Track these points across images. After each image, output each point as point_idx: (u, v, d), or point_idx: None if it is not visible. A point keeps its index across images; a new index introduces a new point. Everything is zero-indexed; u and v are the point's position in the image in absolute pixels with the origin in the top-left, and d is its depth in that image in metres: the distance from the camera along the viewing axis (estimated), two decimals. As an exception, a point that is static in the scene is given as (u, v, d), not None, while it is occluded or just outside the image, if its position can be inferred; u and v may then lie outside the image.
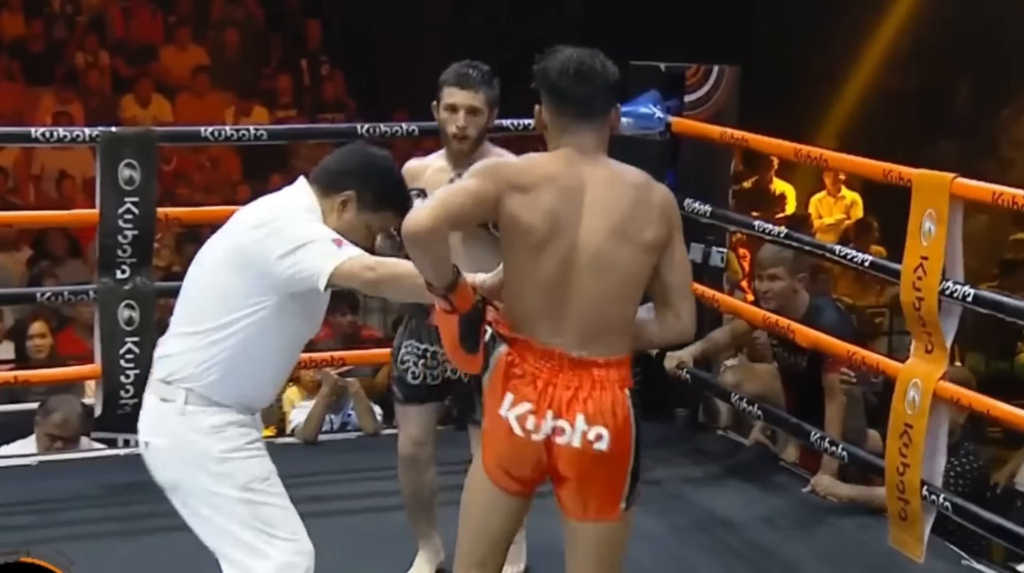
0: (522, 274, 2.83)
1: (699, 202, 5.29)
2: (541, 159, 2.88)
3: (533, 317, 2.83)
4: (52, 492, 4.78)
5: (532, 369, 2.82)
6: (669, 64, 5.59)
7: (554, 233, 2.79)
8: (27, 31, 10.58)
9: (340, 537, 4.44)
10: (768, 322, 4.96)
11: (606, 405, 2.82)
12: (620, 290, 2.86)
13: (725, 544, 4.57)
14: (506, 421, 2.83)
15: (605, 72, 2.88)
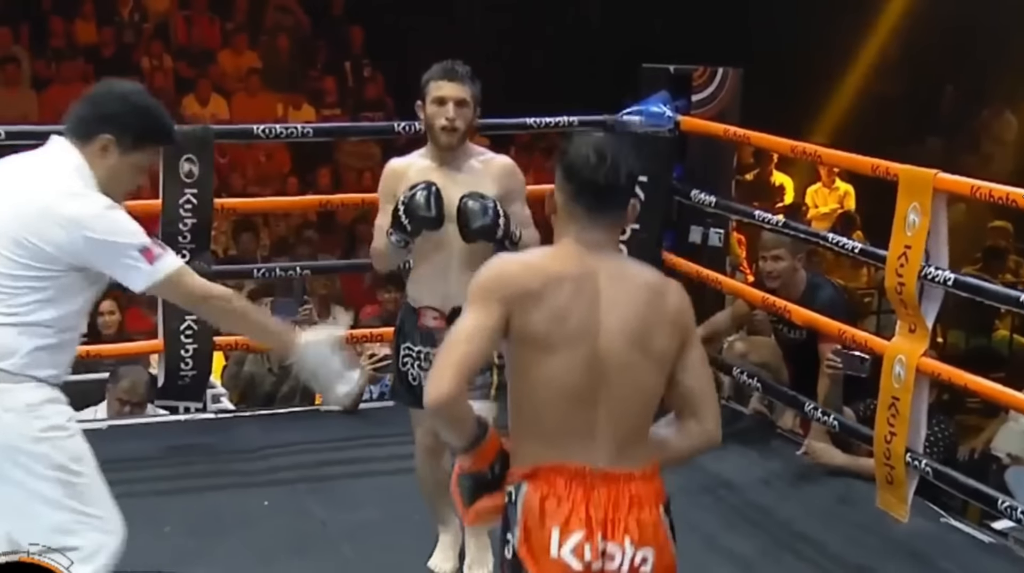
0: (543, 389, 2.36)
1: (704, 193, 5.29)
2: (546, 255, 2.46)
3: (561, 434, 2.37)
4: (120, 453, 4.77)
5: (569, 494, 2.34)
6: (677, 67, 5.57)
7: (572, 338, 2.35)
8: (99, 38, 10.59)
9: (379, 496, 4.48)
10: (767, 302, 4.93)
11: (648, 524, 2.39)
12: (647, 394, 2.42)
13: (727, 503, 4.57)
14: (561, 562, 2.32)
15: (630, 166, 2.43)
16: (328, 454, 4.76)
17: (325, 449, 4.79)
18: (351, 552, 4.07)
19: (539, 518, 2.34)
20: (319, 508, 4.29)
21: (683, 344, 2.45)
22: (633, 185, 2.48)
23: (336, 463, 4.70)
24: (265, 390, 5.92)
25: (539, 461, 2.36)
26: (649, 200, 5.39)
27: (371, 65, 11.06)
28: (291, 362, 3.05)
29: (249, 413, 5.47)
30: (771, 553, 4.19)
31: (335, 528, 4.18)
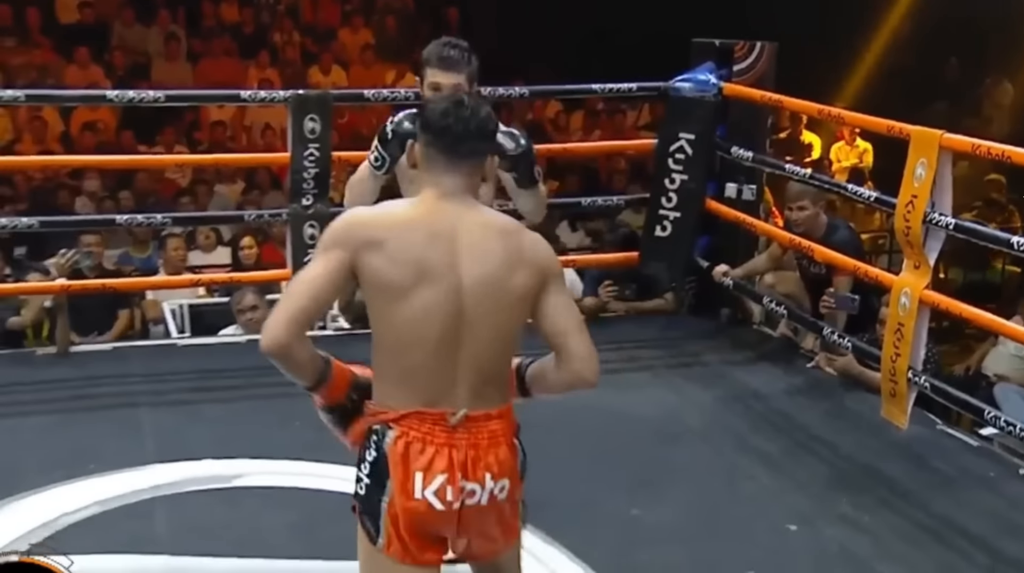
0: (404, 334, 2.09)
1: (743, 149, 5.22)
2: (399, 205, 2.21)
3: (423, 379, 2.10)
4: (256, 362, 4.86)
5: (431, 439, 2.10)
6: (722, 40, 5.47)
7: (427, 282, 2.08)
8: (240, 17, 10.62)
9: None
10: (794, 243, 4.88)
11: (505, 459, 2.15)
12: (505, 340, 2.17)
13: (755, 410, 4.55)
14: (424, 501, 2.09)
15: (482, 120, 2.17)
16: None
17: None
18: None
19: (401, 462, 2.10)
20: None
21: (543, 286, 2.18)
22: (487, 139, 2.21)
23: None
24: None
25: (403, 407, 2.11)
26: (695, 155, 5.37)
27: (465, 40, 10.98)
28: None
29: (361, 332, 5.50)
30: (791, 452, 4.18)
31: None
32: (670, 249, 5.44)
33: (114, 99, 5.18)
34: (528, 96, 5.94)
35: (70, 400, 4.45)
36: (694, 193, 5.40)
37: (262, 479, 3.71)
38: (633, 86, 5.61)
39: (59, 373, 4.73)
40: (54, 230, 5.76)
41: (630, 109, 10.14)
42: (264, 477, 3.71)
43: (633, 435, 4.26)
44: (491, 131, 2.22)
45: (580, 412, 4.41)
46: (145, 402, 4.43)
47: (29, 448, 3.99)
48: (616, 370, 4.92)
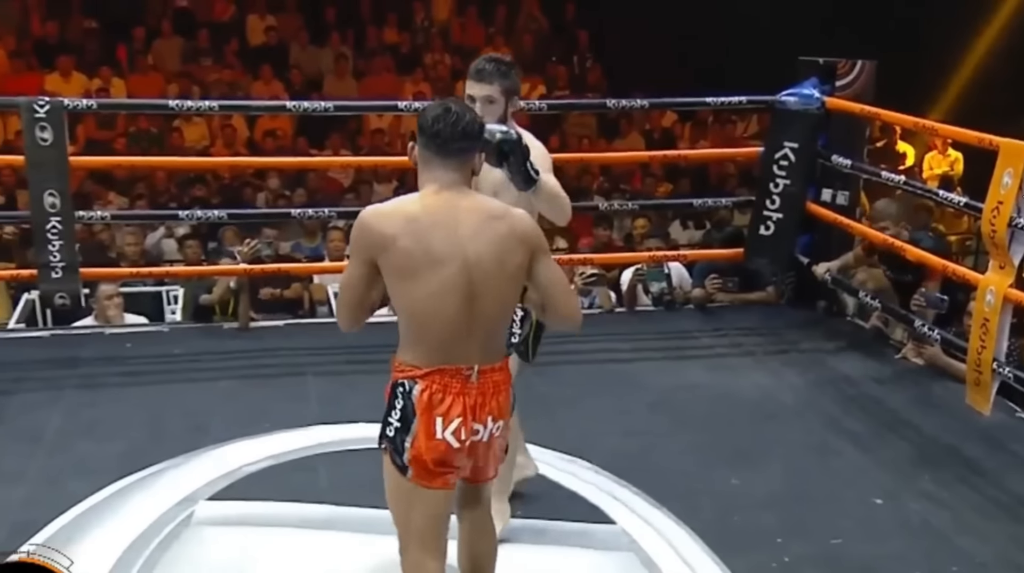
0: (420, 308, 2.25)
1: (842, 157, 5.08)
2: (406, 201, 2.30)
3: (441, 342, 2.26)
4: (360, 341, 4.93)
5: (450, 390, 2.28)
6: (826, 59, 5.34)
7: (435, 262, 2.22)
8: (398, 39, 10.79)
9: (582, 379, 4.53)
10: (887, 242, 4.73)
11: (504, 403, 2.35)
12: (506, 306, 2.34)
13: (846, 394, 4.44)
14: (444, 441, 2.28)
15: (467, 122, 2.28)
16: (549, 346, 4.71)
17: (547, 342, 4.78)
18: (563, 416, 4.12)
19: (425, 411, 2.28)
20: (541, 384, 4.36)
21: (533, 257, 2.32)
22: (473, 137, 2.30)
23: (554, 353, 4.73)
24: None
25: (426, 365, 2.28)
26: (798, 162, 5.25)
27: (593, 59, 10.93)
28: None
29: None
30: (878, 432, 4.07)
31: (552, 400, 4.25)
32: (772, 246, 5.34)
33: (291, 109, 5.35)
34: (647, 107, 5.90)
35: (249, 368, 4.62)
36: (796, 197, 5.29)
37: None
38: (743, 99, 5.51)
39: (241, 345, 4.91)
40: (239, 222, 5.96)
41: (739, 120, 9.96)
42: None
43: (734, 413, 4.21)
44: (475, 132, 2.31)
45: (687, 391, 4.41)
46: (311, 372, 4.56)
47: (216, 408, 4.16)
48: (721, 354, 4.88)
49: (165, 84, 9.61)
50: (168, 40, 10.02)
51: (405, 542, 2.39)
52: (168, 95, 9.35)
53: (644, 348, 4.96)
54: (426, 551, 2.35)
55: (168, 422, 4.01)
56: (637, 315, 5.50)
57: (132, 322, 5.32)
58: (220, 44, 10.15)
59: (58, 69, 9.23)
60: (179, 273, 5.88)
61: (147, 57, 9.84)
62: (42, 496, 3.40)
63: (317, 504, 3.40)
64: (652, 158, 6.49)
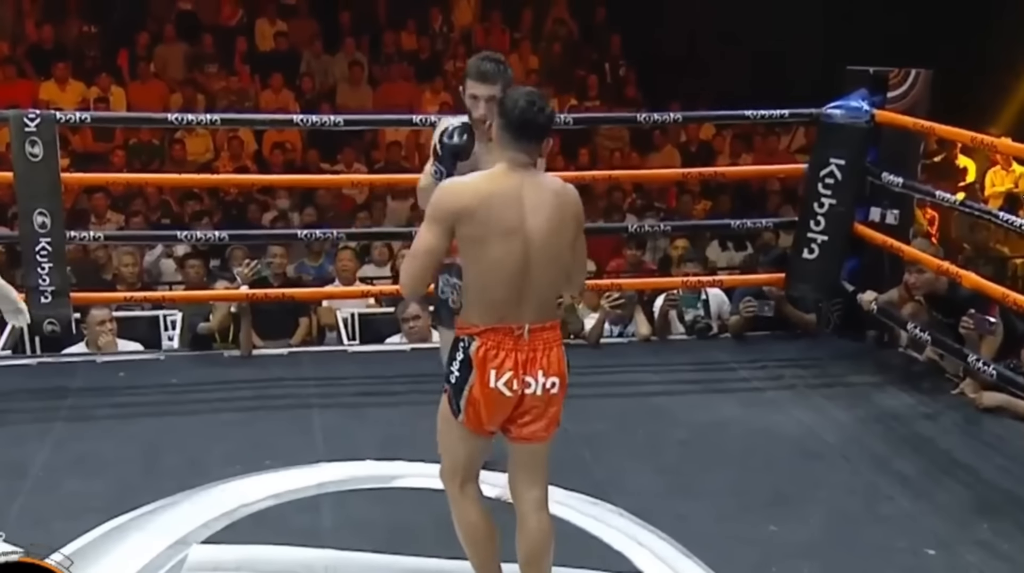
0: (487, 272, 2.72)
1: (893, 175, 5.07)
2: (484, 177, 2.77)
3: (500, 305, 2.72)
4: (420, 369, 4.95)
5: (503, 347, 2.73)
6: (876, 68, 5.34)
7: (505, 235, 2.69)
8: (417, 45, 10.87)
9: (612, 413, 4.53)
10: (942, 269, 4.71)
11: (555, 360, 2.78)
12: (558, 272, 2.79)
13: (896, 432, 4.41)
14: (496, 390, 2.74)
15: (546, 110, 2.74)
16: (574, 378, 4.75)
17: (572, 374, 4.71)
18: (589, 455, 4.12)
19: (481, 363, 2.74)
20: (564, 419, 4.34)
21: (577, 232, 2.80)
22: (548, 125, 2.74)
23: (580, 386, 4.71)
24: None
25: (484, 323, 2.74)
26: (845, 180, 5.25)
27: (626, 66, 10.97)
28: None
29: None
30: (932, 475, 4.03)
31: (576, 436, 4.24)
32: (816, 271, 5.33)
33: (299, 123, 5.42)
34: (681, 121, 5.92)
35: (251, 399, 4.66)
36: (842, 217, 5.28)
37: (419, 481, 3.80)
38: (785, 112, 5.52)
39: (242, 374, 4.95)
40: (242, 243, 6.03)
41: (784, 132, 9.95)
42: (421, 480, 3.79)
43: (774, 452, 4.19)
44: (549, 123, 2.75)
45: (722, 428, 4.39)
46: (317, 404, 4.59)
47: (214, 442, 4.19)
48: (759, 388, 4.86)
49: (168, 93, 9.75)
50: (171, 46, 10.17)
51: (451, 476, 2.92)
52: (171, 105, 9.49)
53: (676, 380, 4.95)
54: (467, 478, 2.91)
55: (162, 458, 4.05)
56: (669, 345, 5.50)
57: (126, 349, 5.38)
58: (227, 50, 10.28)
59: (54, 76, 9.38)
60: (176, 298, 5.94)
61: (149, 64, 9.99)
62: (25, 538, 3.42)
63: (320, 548, 3.42)
64: (687, 175, 6.49)
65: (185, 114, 5.79)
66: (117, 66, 9.94)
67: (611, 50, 11.05)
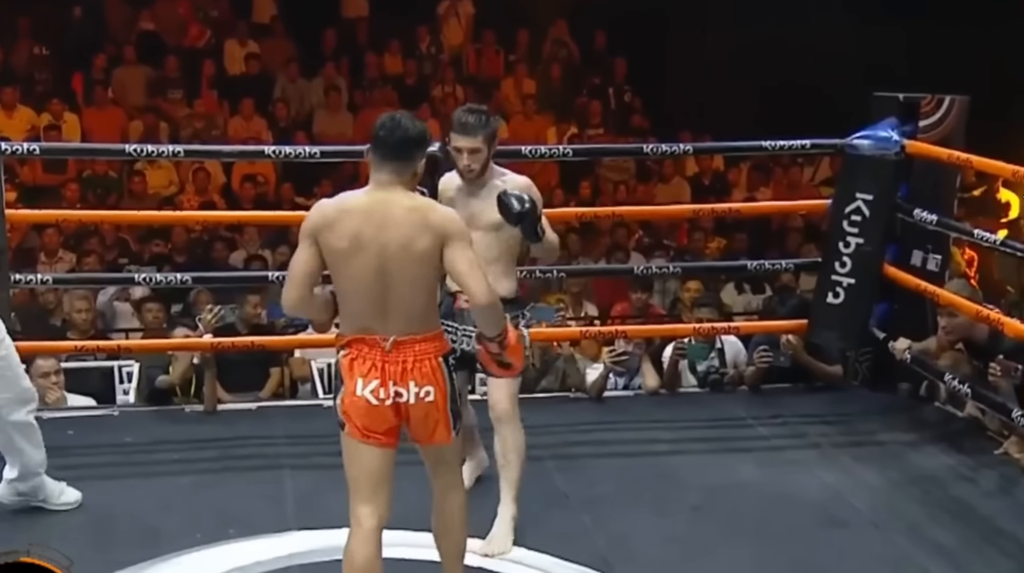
0: (349, 285, 3.07)
1: (927, 211, 5.09)
2: (350, 196, 3.13)
3: (364, 318, 3.07)
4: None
5: (370, 357, 3.06)
6: (907, 95, 5.37)
7: (359, 248, 3.03)
8: (403, 69, 10.95)
9: (616, 474, 4.51)
10: (981, 315, 4.72)
11: (428, 371, 3.08)
12: (418, 287, 3.08)
13: (933, 497, 4.39)
14: (363, 397, 3.07)
15: (406, 130, 3.07)
16: (574, 436, 4.81)
17: (572, 431, 4.85)
18: (590, 522, 4.10)
19: (348, 371, 3.09)
20: (563, 482, 4.35)
21: (444, 244, 3.05)
22: (411, 145, 3.07)
23: (580, 444, 4.76)
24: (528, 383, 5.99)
25: (351, 333, 3.09)
26: (873, 217, 5.27)
27: (632, 91, 11.05)
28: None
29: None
30: (973, 544, 4.01)
31: (576, 500, 4.23)
32: (842, 318, 5.33)
33: (272, 155, 5.44)
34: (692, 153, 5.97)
35: (215, 460, 4.64)
36: (870, 258, 5.29)
37: (399, 551, 3.76)
38: (807, 143, 5.56)
39: (206, 431, 4.93)
40: (208, 286, 6.03)
41: (807, 163, 10.01)
42: (404, 549, 3.76)
43: (795, 519, 4.17)
44: (411, 140, 3.09)
45: (738, 491, 4.38)
46: (288, 465, 4.58)
47: (173, 508, 4.17)
48: (779, 447, 4.85)
49: (127, 120, 9.80)
50: (131, 69, 10.24)
51: (351, 494, 3.17)
52: (130, 133, 9.54)
53: (687, 438, 4.94)
54: (360, 500, 3.15)
55: (115, 526, 4.02)
56: (679, 398, 5.49)
57: (76, 405, 5.36)
58: (193, 74, 10.35)
59: (0, 102, 9.42)
60: (133, 347, 5.91)
61: (107, 88, 10.04)
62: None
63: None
64: (698, 212, 6.52)
65: (146, 144, 5.81)
66: (71, 90, 9.99)
67: (615, 74, 11.13)
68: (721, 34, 10.76)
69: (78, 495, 4.14)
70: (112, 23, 10.65)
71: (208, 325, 5.15)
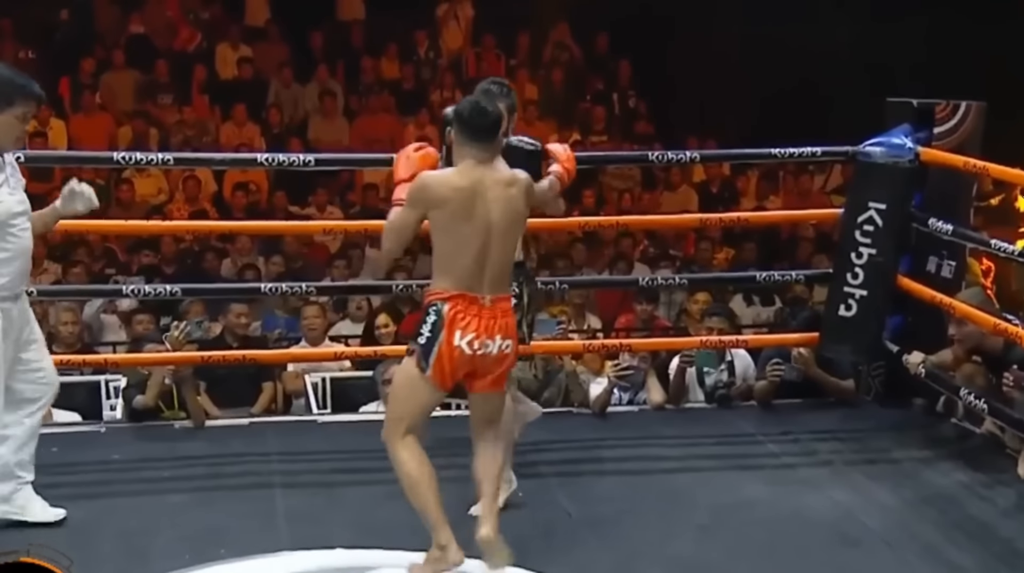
0: (454, 250, 3.61)
1: (942, 221, 5.09)
2: (455, 172, 3.64)
3: (466, 278, 3.61)
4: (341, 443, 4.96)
5: (469, 312, 3.60)
6: (921, 101, 5.39)
7: (471, 220, 3.59)
8: (400, 74, 10.98)
9: (620, 492, 4.51)
10: (998, 328, 4.71)
11: (509, 326, 3.67)
12: (511, 250, 3.71)
13: (949, 517, 4.37)
14: (459, 347, 3.59)
15: (495, 112, 3.66)
16: (578, 453, 4.81)
17: (575, 448, 4.85)
18: (594, 541, 4.09)
19: (450, 322, 3.59)
20: (566, 500, 4.35)
21: (527, 211, 3.73)
22: (499, 125, 3.66)
23: (584, 461, 4.75)
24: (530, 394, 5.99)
25: (453, 290, 3.61)
26: (886, 227, 5.27)
27: (636, 96, 11.08)
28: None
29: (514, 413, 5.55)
30: (990, 566, 3.99)
31: (579, 519, 4.22)
32: (854, 331, 5.33)
33: (264, 163, 5.45)
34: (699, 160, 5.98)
35: (204, 478, 4.63)
36: (883, 269, 5.29)
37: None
38: (818, 150, 5.57)
39: (195, 448, 4.92)
40: (197, 298, 6.03)
41: (818, 171, 10.02)
42: (399, 571, 3.76)
43: (806, 539, 4.16)
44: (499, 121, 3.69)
45: (747, 511, 4.37)
46: (280, 483, 4.57)
47: (160, 528, 4.15)
48: (790, 465, 4.85)
49: (116, 126, 9.84)
50: (120, 73, 10.27)
51: (397, 426, 3.68)
52: (119, 140, 9.56)
53: (694, 455, 4.94)
54: (407, 429, 3.68)
55: (100, 547, 4.00)
56: (686, 414, 5.49)
57: (61, 421, 5.36)
58: (183, 78, 10.39)
59: (-15, 108, 9.43)
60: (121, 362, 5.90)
61: (95, 94, 10.08)
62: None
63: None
64: (706, 221, 6.53)
65: (134, 152, 5.82)
66: (58, 95, 10.01)
67: (619, 78, 11.16)
68: (728, 34, 10.77)
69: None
70: (100, 26, 10.69)
71: (176, 342, 5.13)
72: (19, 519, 4.05)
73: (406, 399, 3.70)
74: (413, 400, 3.68)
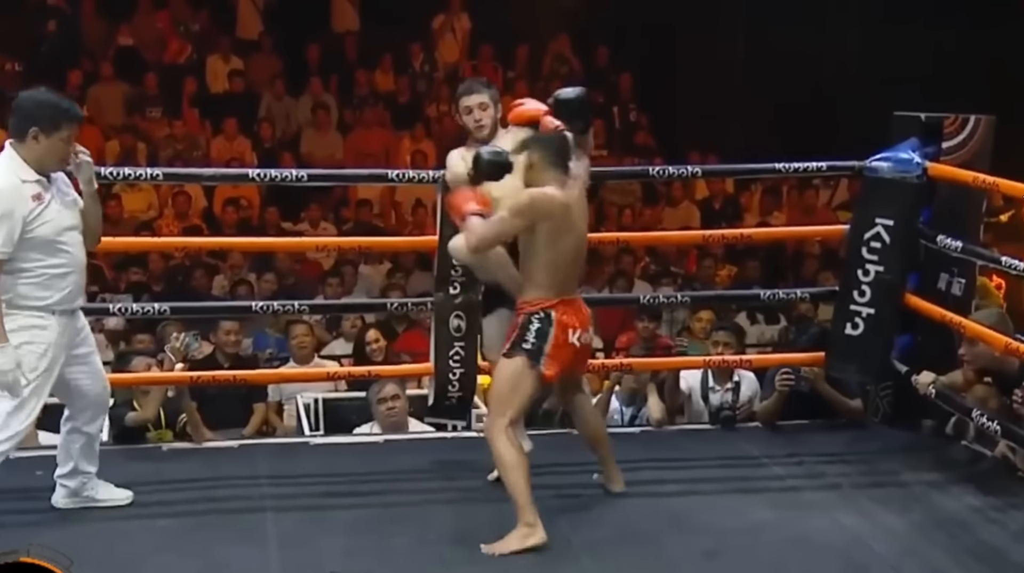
0: (559, 260, 4.15)
1: (951, 238, 5.09)
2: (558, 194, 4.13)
3: (567, 283, 4.20)
4: (393, 465, 4.98)
5: (572, 312, 4.19)
6: (928, 114, 5.39)
7: (571, 232, 4.18)
8: (395, 87, 11.01)
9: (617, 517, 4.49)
10: (1010, 348, 4.71)
11: (591, 321, 4.33)
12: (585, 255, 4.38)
13: (959, 542, 4.35)
14: (572, 343, 4.19)
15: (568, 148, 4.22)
16: (577, 476, 4.79)
17: (575, 471, 4.82)
18: (594, 567, 4.08)
19: (562, 325, 4.16)
20: (565, 523, 4.34)
21: None
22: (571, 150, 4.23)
23: (584, 485, 4.74)
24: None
25: (557, 296, 4.17)
26: (893, 243, 5.27)
27: (637, 109, 11.10)
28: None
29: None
30: (1003, 594, 3.99)
31: (578, 544, 4.21)
32: (861, 350, 5.32)
33: (255, 178, 5.44)
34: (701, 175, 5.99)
35: (193, 502, 4.61)
36: (891, 286, 5.29)
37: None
38: (823, 165, 5.57)
39: (184, 471, 4.90)
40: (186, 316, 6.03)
41: (823, 185, 10.04)
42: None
43: (813, 564, 4.16)
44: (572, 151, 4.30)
45: (752, 535, 4.36)
46: (271, 506, 4.55)
47: (146, 554, 4.13)
48: (796, 488, 4.83)
49: (103, 140, 9.85)
50: (108, 86, 10.30)
51: (500, 418, 4.17)
52: (107, 154, 9.57)
53: (697, 478, 4.93)
54: (511, 419, 4.19)
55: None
56: (689, 435, 5.48)
57: (46, 443, 5.33)
58: (173, 91, 10.41)
59: (-32, 122, 9.45)
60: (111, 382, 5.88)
61: (82, 106, 10.02)
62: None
63: None
64: (708, 238, 6.52)
65: (123, 167, 5.82)
66: (44, 109, 10.01)
67: (620, 92, 11.18)
68: (732, 46, 10.81)
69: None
70: (88, 37, 10.72)
71: (178, 353, 5.12)
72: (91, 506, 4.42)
73: (512, 392, 4.18)
74: (520, 395, 4.18)
